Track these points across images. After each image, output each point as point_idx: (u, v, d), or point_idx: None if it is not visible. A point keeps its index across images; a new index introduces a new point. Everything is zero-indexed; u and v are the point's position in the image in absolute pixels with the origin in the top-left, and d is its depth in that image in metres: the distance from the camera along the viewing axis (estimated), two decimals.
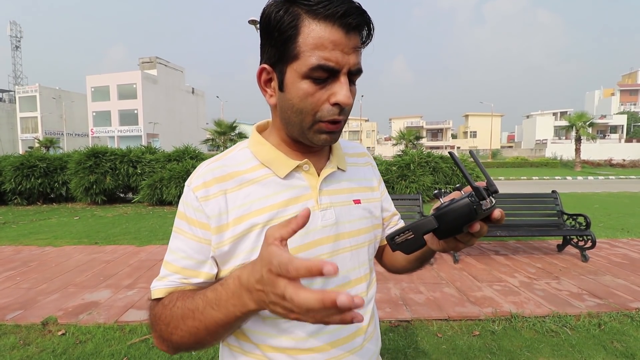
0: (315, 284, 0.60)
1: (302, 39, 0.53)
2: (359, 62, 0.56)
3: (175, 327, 0.54)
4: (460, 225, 0.50)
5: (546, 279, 3.46)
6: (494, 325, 2.56)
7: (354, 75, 0.57)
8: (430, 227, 0.51)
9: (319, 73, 0.53)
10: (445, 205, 0.50)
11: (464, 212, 0.48)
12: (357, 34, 0.54)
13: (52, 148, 29.14)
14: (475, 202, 0.48)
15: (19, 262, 4.20)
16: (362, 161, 0.77)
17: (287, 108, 0.58)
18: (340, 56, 0.53)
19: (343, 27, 0.52)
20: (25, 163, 8.84)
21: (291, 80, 0.55)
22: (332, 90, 0.55)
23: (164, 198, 8.28)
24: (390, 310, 2.78)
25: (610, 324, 2.55)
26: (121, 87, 39.62)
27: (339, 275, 0.63)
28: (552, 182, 16.71)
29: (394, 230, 0.55)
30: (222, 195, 0.59)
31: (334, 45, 0.52)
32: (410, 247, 0.53)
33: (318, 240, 0.61)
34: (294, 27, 0.53)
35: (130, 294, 3.19)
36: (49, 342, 2.40)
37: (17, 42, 59.05)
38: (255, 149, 0.65)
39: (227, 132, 20.32)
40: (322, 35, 0.52)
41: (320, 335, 0.60)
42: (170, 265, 0.61)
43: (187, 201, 0.60)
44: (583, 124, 23.28)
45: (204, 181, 0.60)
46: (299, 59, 0.53)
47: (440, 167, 8.91)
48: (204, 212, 0.58)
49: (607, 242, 4.87)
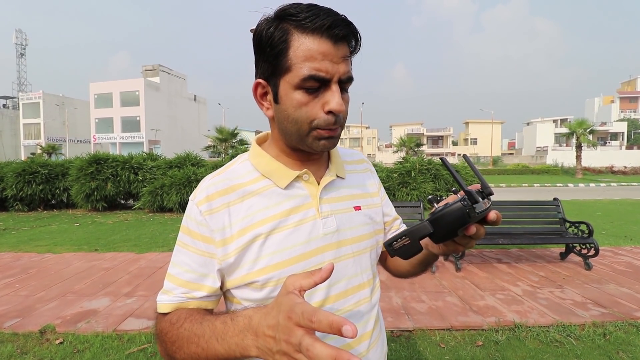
0: (319, 292, 0.60)
1: (293, 52, 0.55)
2: (348, 71, 0.58)
3: (179, 348, 0.55)
4: (454, 229, 0.50)
5: (549, 287, 3.43)
6: (498, 335, 2.52)
7: (345, 84, 0.59)
8: (426, 232, 0.52)
9: (311, 83, 0.55)
10: (439, 210, 0.51)
11: (457, 215, 0.49)
12: (345, 44, 0.57)
13: (55, 154, 29.29)
14: (467, 205, 0.49)
15: (18, 268, 4.18)
16: (361, 168, 0.78)
17: (284, 119, 0.60)
18: (330, 66, 0.55)
19: (331, 39, 0.55)
20: (27, 169, 8.85)
21: (285, 92, 0.58)
22: (325, 99, 0.57)
23: (165, 205, 8.26)
24: (392, 320, 2.75)
25: (615, 334, 2.51)
26: (124, 94, 39.99)
27: (342, 282, 0.63)
28: (554, 190, 16.66)
29: (391, 236, 0.55)
30: (226, 209, 0.61)
31: (323, 55, 0.55)
32: (408, 252, 0.54)
33: (320, 247, 0.62)
34: (285, 41, 0.56)
35: (129, 302, 3.16)
36: (46, 351, 2.37)
37: (22, 49, 59.82)
38: (255, 161, 0.66)
39: (229, 139, 20.41)
40: (311, 47, 0.55)
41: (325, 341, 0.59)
42: (174, 279, 0.62)
43: (190, 215, 0.62)
44: (583, 130, 23.32)
45: (207, 195, 0.61)
46: (291, 71, 0.56)
47: (442, 174, 8.88)
48: (207, 226, 0.60)
49: (610, 249, 4.83)
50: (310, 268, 0.60)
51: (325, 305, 0.61)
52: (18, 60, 59.31)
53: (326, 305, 0.61)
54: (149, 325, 2.69)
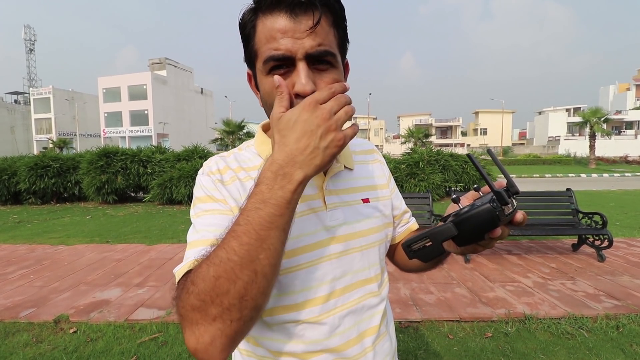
0: (323, 286, 0.59)
1: (258, 37, 0.53)
2: (318, 44, 0.51)
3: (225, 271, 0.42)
4: (482, 232, 0.47)
5: (561, 279, 3.37)
6: (507, 327, 2.50)
7: (321, 58, 0.52)
8: (450, 234, 0.48)
9: (271, 64, 0.51)
10: (465, 211, 0.47)
11: (485, 218, 0.45)
12: (309, 16, 0.50)
13: (66, 148, 29.79)
14: (497, 207, 0.44)
15: (32, 260, 4.29)
16: (371, 158, 0.75)
17: (264, 106, 0.58)
18: (291, 42, 0.50)
19: (287, 13, 0.50)
20: (39, 163, 9.03)
21: (260, 79, 0.55)
22: (293, 81, 0.51)
23: (174, 197, 8.36)
24: (400, 311, 2.74)
25: (629, 327, 2.46)
26: (132, 88, 40.26)
27: (348, 276, 0.61)
28: (566, 180, 16.35)
29: (410, 237, 0.51)
30: (238, 181, 0.60)
31: (282, 33, 0.50)
32: (429, 255, 0.50)
33: (326, 240, 0.59)
34: (253, 26, 0.54)
35: (140, 292, 3.22)
36: (60, 339, 2.43)
37: (32, 45, 60.47)
38: (260, 149, 0.65)
39: (236, 132, 20.45)
40: (270, 26, 0.51)
41: (331, 337, 0.59)
42: (200, 242, 0.52)
43: (204, 184, 0.59)
44: (597, 119, 22.73)
45: (218, 168, 0.61)
46: (258, 56, 0.54)
47: (450, 165, 8.78)
48: (225, 191, 0.58)
49: (624, 241, 4.73)
50: (315, 260, 0.58)
51: (330, 299, 0.59)
52: (27, 55, 60.04)
53: (331, 299, 0.59)
54: (160, 315, 2.73)
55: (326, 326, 0.58)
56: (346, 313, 0.60)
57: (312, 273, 0.58)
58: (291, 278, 0.57)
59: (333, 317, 0.59)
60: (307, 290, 0.58)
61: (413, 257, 0.52)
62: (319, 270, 0.58)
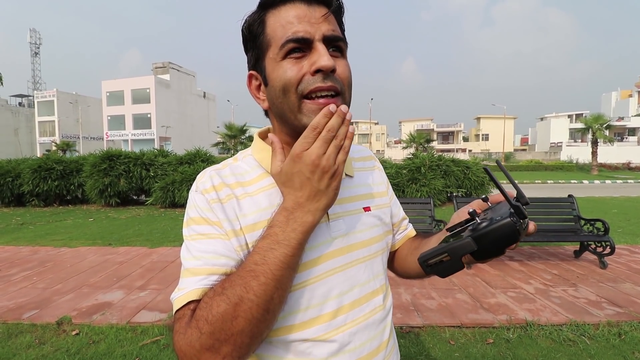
0: (330, 301, 0.57)
1: (270, 28, 0.55)
2: (333, 29, 0.54)
3: (244, 310, 0.44)
4: (502, 247, 0.46)
5: (563, 286, 3.36)
6: (509, 333, 2.49)
7: (335, 43, 0.55)
8: (469, 249, 0.47)
9: (291, 45, 0.52)
10: (484, 225, 0.46)
11: (506, 233, 0.45)
12: (322, 6, 0.54)
13: (69, 151, 29.95)
14: (517, 222, 0.44)
15: (35, 262, 4.31)
16: (369, 165, 0.74)
17: (275, 97, 0.56)
18: (309, 26, 0.53)
19: (302, 2, 0.54)
20: (43, 166, 9.08)
21: (271, 69, 0.55)
22: (312, 60, 0.52)
23: (176, 200, 8.38)
24: (401, 316, 2.74)
25: (631, 334, 2.45)
26: (135, 91, 40.57)
27: (355, 289, 0.59)
28: (568, 186, 16.30)
29: (426, 252, 0.50)
30: (235, 199, 0.56)
31: (299, 19, 0.53)
32: (447, 270, 0.49)
33: (329, 253, 0.57)
34: (261, 23, 0.56)
35: (142, 295, 3.23)
36: (63, 341, 2.44)
37: (37, 48, 61.13)
38: (259, 157, 0.62)
39: (238, 135, 20.54)
40: (286, 15, 0.53)
41: (339, 355, 0.57)
42: (200, 270, 0.51)
43: (198, 204, 0.56)
44: (600, 126, 22.69)
45: (212, 185, 0.57)
46: (271, 45, 0.55)
47: (452, 170, 8.78)
48: (220, 212, 0.55)
49: (626, 248, 4.71)
50: (320, 275, 0.56)
51: (339, 315, 0.57)
52: (32, 59, 60.68)
53: (339, 315, 0.57)
54: (162, 317, 2.74)
55: (335, 344, 0.56)
56: (356, 330, 0.58)
57: (318, 289, 0.56)
58: (297, 296, 0.55)
59: (343, 334, 0.57)
60: (314, 307, 0.56)
61: (430, 273, 0.51)
62: (325, 285, 0.56)
